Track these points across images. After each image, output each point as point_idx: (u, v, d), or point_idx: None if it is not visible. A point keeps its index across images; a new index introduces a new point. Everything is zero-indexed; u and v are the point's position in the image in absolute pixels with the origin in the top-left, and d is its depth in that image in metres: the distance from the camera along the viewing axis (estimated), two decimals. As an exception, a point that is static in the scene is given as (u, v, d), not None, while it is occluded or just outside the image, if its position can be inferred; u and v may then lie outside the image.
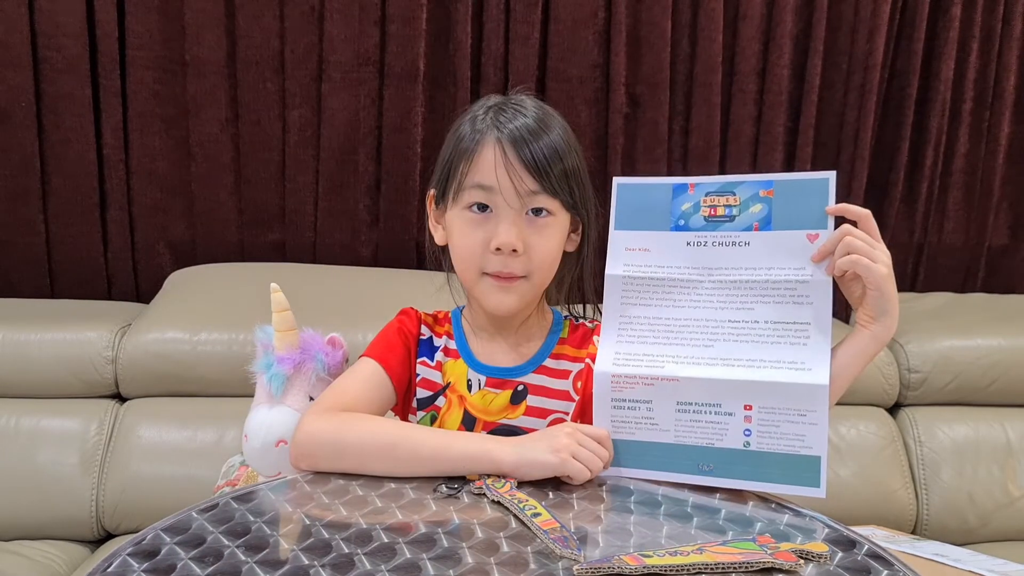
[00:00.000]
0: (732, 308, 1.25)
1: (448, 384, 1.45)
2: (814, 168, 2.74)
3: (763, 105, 2.72)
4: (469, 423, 1.43)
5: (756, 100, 2.72)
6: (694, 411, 1.24)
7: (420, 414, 1.46)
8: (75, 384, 2.33)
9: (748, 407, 1.21)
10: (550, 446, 1.20)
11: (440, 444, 1.26)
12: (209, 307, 2.42)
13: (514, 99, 1.42)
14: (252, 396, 1.62)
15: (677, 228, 1.26)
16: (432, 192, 1.46)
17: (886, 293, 1.24)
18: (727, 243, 1.25)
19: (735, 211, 1.24)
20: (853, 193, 2.72)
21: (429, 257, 1.54)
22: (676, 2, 2.64)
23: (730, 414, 1.22)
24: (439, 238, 1.46)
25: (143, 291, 2.69)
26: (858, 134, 2.71)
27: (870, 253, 1.20)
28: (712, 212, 1.25)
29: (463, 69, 2.60)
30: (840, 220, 1.23)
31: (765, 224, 1.23)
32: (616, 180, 1.32)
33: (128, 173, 2.63)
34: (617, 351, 1.29)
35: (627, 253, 1.29)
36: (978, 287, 2.90)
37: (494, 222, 1.34)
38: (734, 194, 1.24)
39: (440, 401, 1.45)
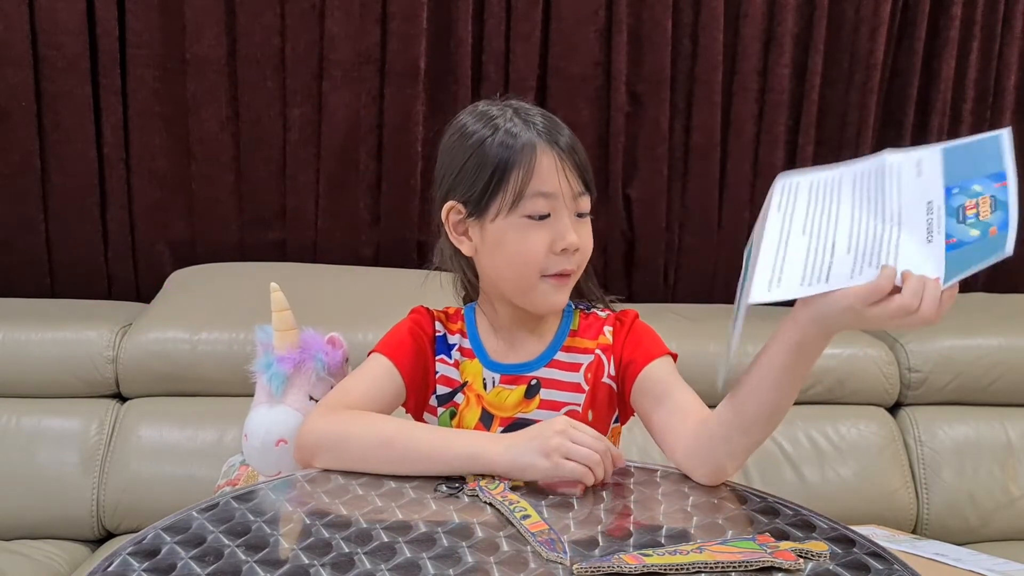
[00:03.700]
0: (848, 242, 1.14)
1: (466, 383, 1.46)
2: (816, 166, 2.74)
3: (764, 104, 2.72)
4: (487, 420, 1.44)
5: (757, 99, 2.72)
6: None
7: (440, 411, 1.47)
8: (75, 384, 2.33)
9: None
10: (541, 448, 1.20)
11: (436, 444, 1.27)
12: (209, 307, 2.41)
13: (517, 103, 1.43)
14: (252, 396, 1.62)
15: (948, 191, 1.13)
16: (452, 205, 1.42)
17: (861, 320, 1.12)
18: (929, 228, 1.11)
19: (972, 220, 1.10)
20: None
21: (436, 261, 1.53)
22: (677, 0, 2.64)
23: None
24: (467, 249, 1.43)
25: (143, 291, 2.68)
26: (859, 133, 2.71)
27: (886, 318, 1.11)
28: (969, 207, 1.10)
29: (464, 67, 2.60)
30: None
31: (955, 247, 1.09)
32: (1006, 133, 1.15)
33: (128, 172, 2.63)
34: None
35: (912, 163, 1.16)
36: (979, 287, 2.89)
37: (553, 225, 1.36)
38: (993, 211, 1.09)
39: (459, 398, 1.46)
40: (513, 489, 1.18)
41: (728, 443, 1.23)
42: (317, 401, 1.58)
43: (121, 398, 2.38)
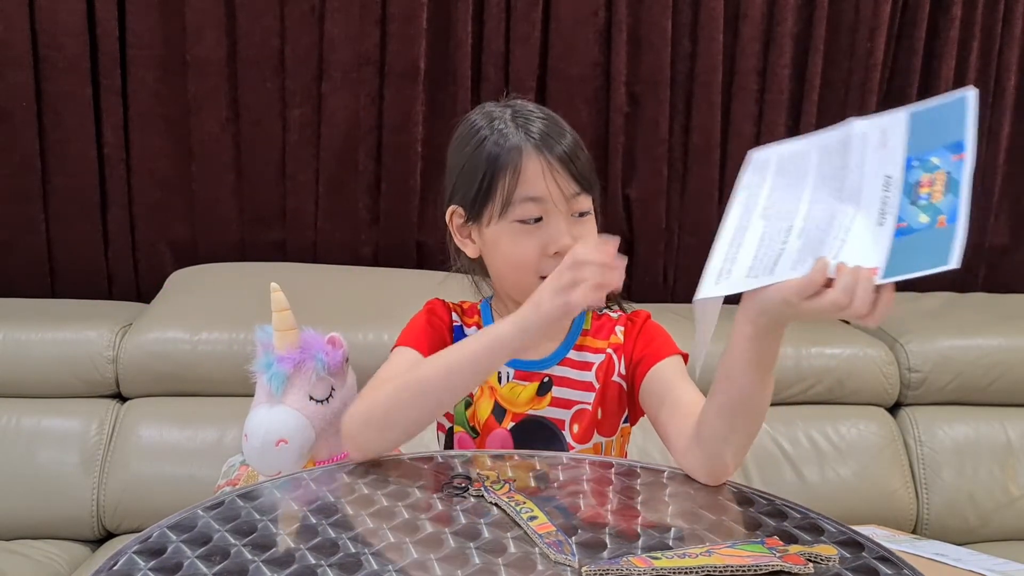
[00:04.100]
0: (798, 244, 1.11)
1: None
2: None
3: (764, 104, 2.72)
4: (499, 413, 1.45)
5: (757, 99, 2.72)
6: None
7: None
8: (76, 384, 2.33)
9: None
10: (547, 295, 1.18)
11: (452, 360, 1.26)
12: (209, 307, 2.41)
13: (519, 105, 1.43)
14: (252, 396, 1.62)
15: (908, 162, 1.08)
16: (454, 209, 1.44)
17: (800, 314, 1.10)
18: (883, 207, 1.08)
19: (924, 203, 1.06)
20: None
21: (454, 264, 1.54)
22: (677, 1, 2.64)
23: None
24: (471, 252, 1.46)
25: (144, 291, 2.68)
26: (859, 133, 2.71)
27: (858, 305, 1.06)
28: (924, 185, 1.06)
29: (463, 68, 2.60)
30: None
31: (903, 232, 1.06)
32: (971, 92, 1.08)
33: (129, 172, 2.63)
34: None
35: (878, 131, 1.11)
36: (978, 287, 2.90)
37: (546, 229, 1.36)
38: (945, 194, 1.05)
39: (474, 389, 1.47)
40: (519, 489, 1.18)
41: (717, 439, 1.22)
42: (317, 401, 1.58)
43: (121, 398, 2.38)
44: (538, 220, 1.36)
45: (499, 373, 1.46)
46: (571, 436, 1.44)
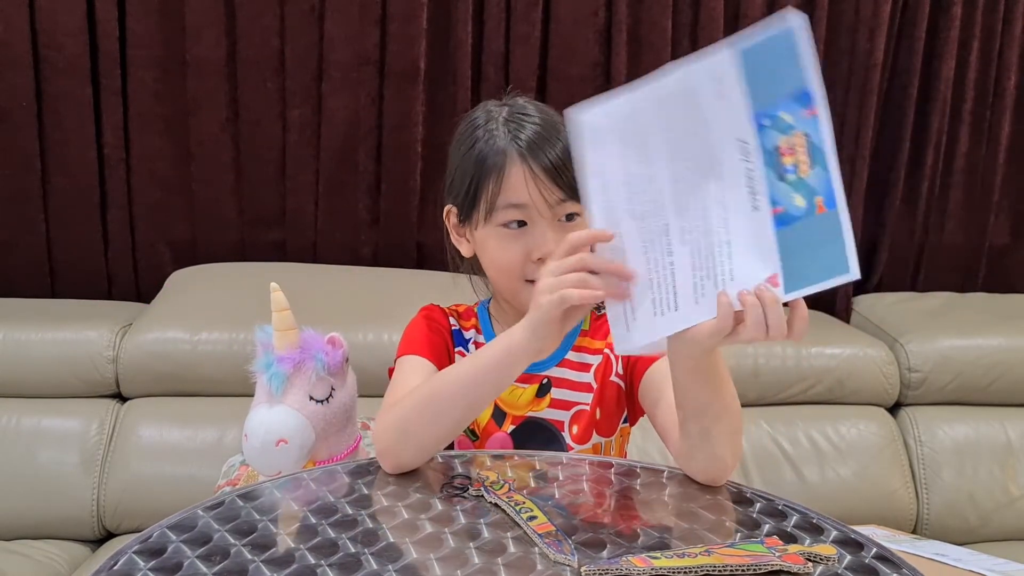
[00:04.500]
0: (678, 218, 1.05)
1: None
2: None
3: (764, 104, 2.71)
4: (499, 416, 1.46)
5: (757, 99, 2.71)
6: None
7: None
8: (76, 384, 2.33)
9: None
10: (543, 291, 1.13)
11: (471, 372, 1.23)
12: (209, 307, 2.41)
13: (517, 106, 1.42)
14: (252, 396, 1.62)
15: (758, 119, 0.99)
16: (450, 207, 1.45)
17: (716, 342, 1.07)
18: (750, 184, 1.01)
19: (792, 177, 0.99)
20: (854, 192, 2.73)
21: (452, 264, 1.54)
22: (677, 1, 2.64)
23: None
24: (466, 251, 1.46)
25: (144, 291, 2.68)
26: (859, 133, 2.71)
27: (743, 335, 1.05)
28: (785, 151, 0.99)
29: (463, 68, 2.60)
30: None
31: (783, 220, 1.00)
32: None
33: (128, 173, 2.63)
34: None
35: (711, 80, 1.00)
36: (979, 287, 2.90)
37: (531, 234, 1.36)
38: (812, 166, 0.98)
39: (495, 398, 1.46)
40: (518, 489, 1.18)
41: (700, 442, 1.20)
42: (317, 401, 1.58)
43: (121, 398, 2.38)
44: (523, 224, 1.36)
45: None
46: (570, 437, 1.44)
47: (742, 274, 1.03)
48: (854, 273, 0.97)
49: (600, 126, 1.06)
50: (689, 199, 1.03)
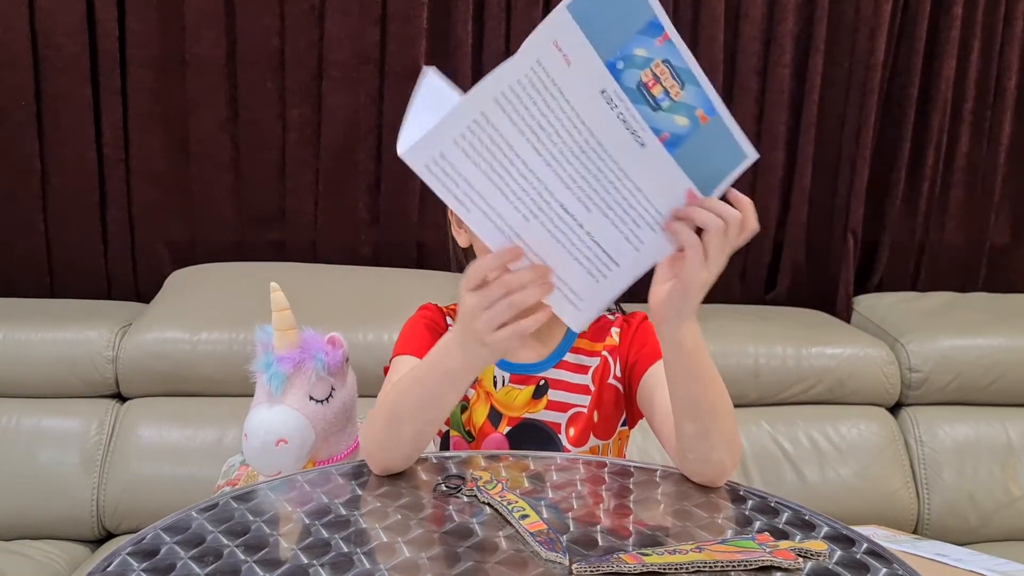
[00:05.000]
0: (572, 193, 1.03)
1: (476, 379, 1.47)
2: (815, 170, 2.74)
3: (764, 104, 2.71)
4: (495, 418, 1.46)
5: (757, 99, 2.72)
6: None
7: None
8: (75, 384, 2.33)
9: None
10: (496, 339, 1.08)
11: (419, 387, 1.21)
12: (209, 307, 2.41)
13: None
14: (252, 396, 1.62)
15: (611, 66, 0.98)
16: None
17: (690, 296, 1.10)
18: (628, 127, 1.01)
19: (667, 103, 1.00)
20: (854, 192, 2.72)
21: (453, 261, 1.54)
22: (677, 1, 2.63)
23: None
24: (463, 241, 1.47)
25: (143, 291, 2.68)
26: (859, 133, 2.71)
27: (711, 253, 1.07)
28: (651, 84, 0.99)
29: (464, 68, 2.60)
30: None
31: (673, 143, 1.02)
32: None
33: (128, 172, 2.63)
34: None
35: (551, 49, 0.95)
36: (979, 286, 2.90)
37: None
38: (683, 86, 1.00)
39: (470, 393, 1.47)
40: (511, 488, 1.18)
41: (695, 444, 1.21)
42: (317, 401, 1.58)
43: (121, 398, 2.38)
44: None
45: (495, 378, 1.47)
46: (567, 439, 1.44)
47: (666, 206, 1.06)
48: (751, 155, 1.05)
49: (437, 155, 0.97)
50: (574, 170, 1.03)
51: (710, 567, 0.96)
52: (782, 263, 2.83)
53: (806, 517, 1.13)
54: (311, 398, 1.58)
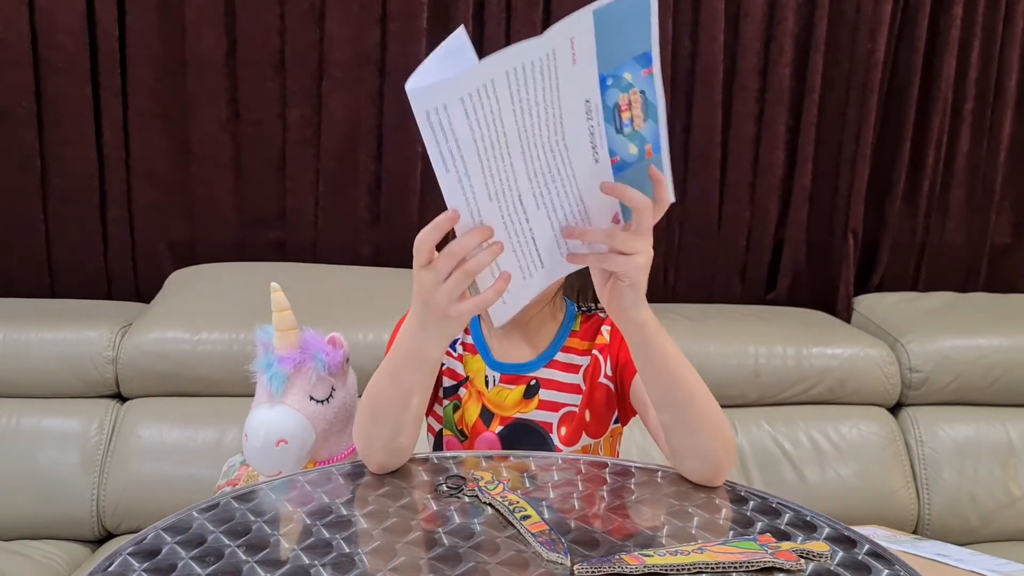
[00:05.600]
0: (531, 186, 1.07)
1: (468, 377, 1.48)
2: (815, 169, 2.74)
3: (764, 103, 2.71)
4: (487, 416, 1.46)
5: (757, 98, 2.72)
6: None
7: (445, 402, 1.49)
8: (75, 384, 2.33)
9: None
10: (460, 310, 1.09)
11: (390, 375, 1.23)
12: (209, 307, 2.41)
13: None
14: (252, 396, 1.62)
15: (603, 80, 1.03)
16: None
17: (637, 286, 1.14)
18: (592, 140, 1.06)
19: (628, 130, 1.06)
20: (854, 192, 2.72)
21: None
22: (677, 1, 2.63)
23: None
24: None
25: (143, 291, 2.68)
26: (859, 133, 2.71)
27: (624, 248, 1.10)
28: (624, 108, 1.05)
29: (464, 68, 2.59)
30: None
31: (619, 167, 1.07)
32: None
33: (128, 172, 2.62)
34: None
35: (566, 43, 0.99)
36: (980, 286, 2.90)
37: None
38: (646, 119, 1.06)
39: (462, 392, 1.48)
40: (513, 489, 1.18)
41: (685, 441, 1.22)
42: (317, 401, 1.58)
43: (121, 398, 2.38)
44: None
45: (486, 377, 1.47)
46: (558, 438, 1.44)
47: (596, 222, 1.12)
48: (671, 198, 1.11)
49: (440, 106, 0.99)
50: (540, 165, 1.06)
51: (712, 568, 0.96)
52: (782, 263, 2.83)
53: (807, 518, 1.13)
54: (311, 398, 1.58)
